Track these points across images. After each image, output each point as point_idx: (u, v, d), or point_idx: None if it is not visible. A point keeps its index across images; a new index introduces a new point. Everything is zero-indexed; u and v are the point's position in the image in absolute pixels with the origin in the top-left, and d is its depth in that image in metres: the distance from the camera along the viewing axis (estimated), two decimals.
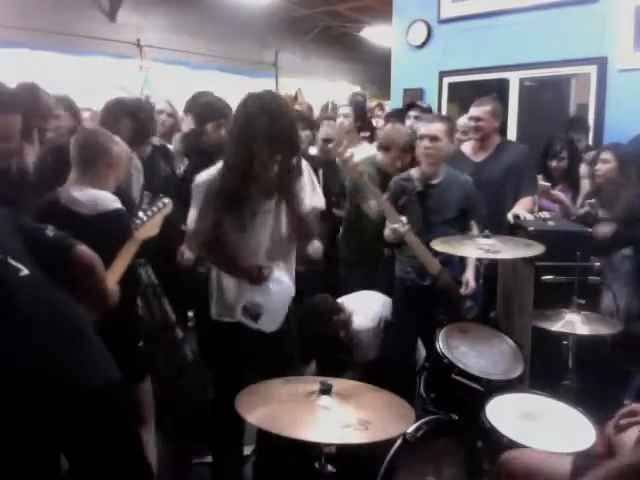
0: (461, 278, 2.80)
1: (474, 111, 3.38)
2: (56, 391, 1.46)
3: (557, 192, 3.45)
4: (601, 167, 3.26)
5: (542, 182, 3.43)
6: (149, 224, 2.21)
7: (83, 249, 1.77)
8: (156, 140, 3.32)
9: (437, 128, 2.82)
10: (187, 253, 3.13)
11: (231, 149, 2.16)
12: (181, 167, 3.31)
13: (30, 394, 1.42)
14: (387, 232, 2.76)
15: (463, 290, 2.77)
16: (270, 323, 2.22)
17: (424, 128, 2.86)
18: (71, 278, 1.74)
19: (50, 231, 1.77)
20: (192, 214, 2.24)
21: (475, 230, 2.92)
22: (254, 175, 2.10)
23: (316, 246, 3.14)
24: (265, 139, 2.06)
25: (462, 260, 2.83)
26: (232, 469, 2.45)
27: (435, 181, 2.88)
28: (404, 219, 2.69)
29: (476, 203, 2.95)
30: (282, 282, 2.24)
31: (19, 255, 1.60)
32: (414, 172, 2.95)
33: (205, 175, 2.25)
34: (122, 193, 2.32)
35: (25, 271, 1.57)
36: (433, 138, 2.80)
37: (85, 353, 1.58)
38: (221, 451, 2.45)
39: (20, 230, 1.69)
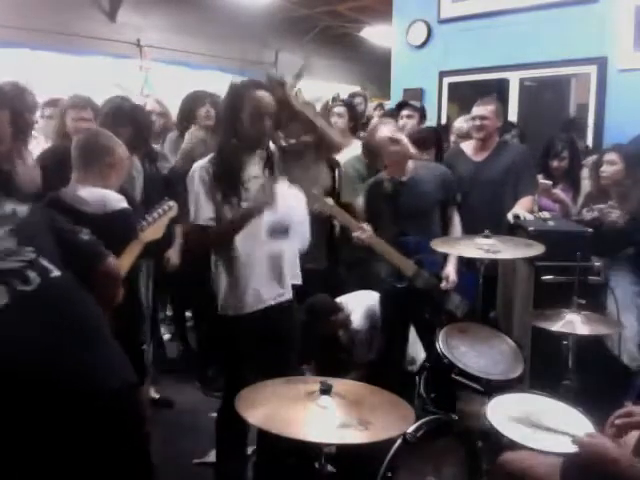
0: (443, 277, 2.82)
1: (479, 110, 3.37)
2: (71, 392, 1.44)
3: (558, 191, 3.44)
4: (607, 169, 3.22)
5: (543, 180, 3.43)
6: (154, 227, 2.22)
7: (113, 260, 1.77)
8: None
9: (391, 129, 2.85)
10: (173, 259, 3.15)
11: (221, 132, 2.23)
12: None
13: (44, 395, 1.41)
14: (354, 239, 2.75)
15: (444, 285, 2.79)
16: (300, 237, 2.14)
17: (382, 131, 2.85)
18: (93, 283, 1.72)
19: (85, 235, 1.75)
20: (192, 208, 2.21)
21: (456, 218, 2.93)
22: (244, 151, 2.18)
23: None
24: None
25: (445, 258, 2.84)
26: (235, 469, 2.44)
27: (404, 178, 2.88)
28: (365, 226, 2.71)
29: (451, 190, 2.96)
30: (289, 195, 2.16)
31: (51, 255, 1.57)
32: (383, 174, 2.94)
33: (198, 164, 2.24)
34: (125, 194, 2.32)
35: (56, 272, 1.54)
36: (394, 140, 2.82)
37: (103, 355, 1.56)
38: (225, 451, 2.44)
39: (54, 230, 1.66)
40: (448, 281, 2.80)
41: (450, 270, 2.82)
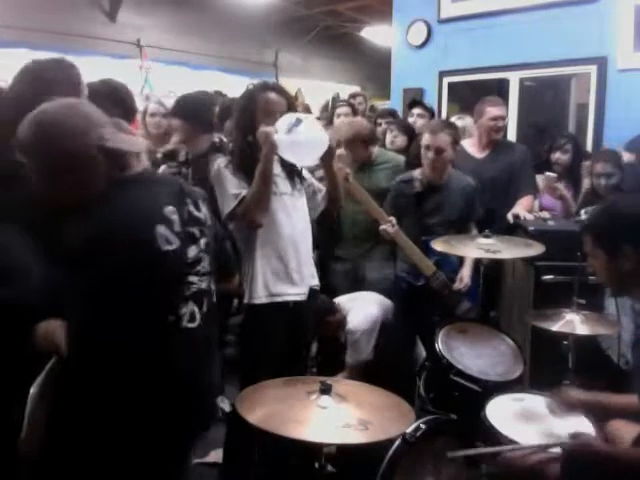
0: (457, 277, 2.82)
1: (500, 111, 3.36)
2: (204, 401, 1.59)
3: (561, 187, 3.42)
4: (604, 182, 3.14)
5: (548, 173, 3.41)
6: None
7: (237, 279, 1.89)
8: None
9: (443, 140, 2.79)
10: None
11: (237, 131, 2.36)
12: None
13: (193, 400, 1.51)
14: (380, 232, 2.80)
15: (457, 285, 2.79)
16: (315, 133, 2.20)
17: (430, 139, 2.81)
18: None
19: (227, 244, 1.81)
20: (229, 192, 2.25)
21: (474, 232, 2.93)
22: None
23: None
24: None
25: (461, 260, 2.84)
26: (241, 469, 2.44)
27: (435, 182, 2.89)
28: (393, 220, 2.72)
29: (475, 205, 2.96)
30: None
31: (214, 276, 1.59)
32: (416, 173, 2.94)
33: (219, 160, 2.36)
34: None
35: (215, 297, 1.58)
36: (439, 150, 2.79)
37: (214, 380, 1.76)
38: (234, 450, 2.44)
39: (215, 239, 1.66)
40: (462, 282, 2.80)
41: (465, 273, 2.82)
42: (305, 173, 2.53)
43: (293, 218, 2.36)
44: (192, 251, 1.48)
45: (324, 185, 2.52)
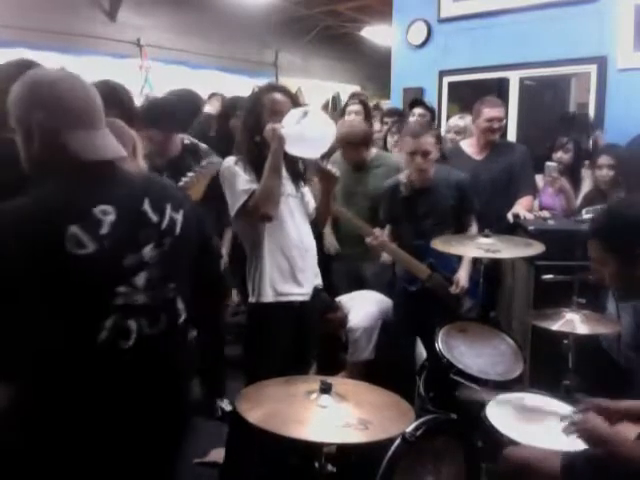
0: (454, 281, 2.81)
1: (498, 112, 3.35)
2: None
3: (563, 179, 3.42)
4: (604, 173, 3.20)
5: (549, 162, 3.39)
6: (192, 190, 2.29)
7: (232, 297, 1.81)
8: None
9: (428, 142, 2.76)
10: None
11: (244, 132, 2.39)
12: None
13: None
14: (367, 244, 2.82)
15: (453, 289, 2.78)
16: (321, 123, 2.22)
17: (414, 144, 2.76)
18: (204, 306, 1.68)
19: (223, 263, 1.70)
20: (239, 188, 2.27)
21: (474, 227, 2.92)
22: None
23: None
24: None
25: (460, 259, 2.84)
26: (241, 470, 2.44)
27: (424, 186, 2.87)
28: (377, 232, 2.76)
29: (467, 197, 2.91)
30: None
31: (185, 293, 1.46)
32: (402, 177, 2.92)
33: (228, 159, 2.38)
34: None
35: (182, 317, 1.46)
36: (425, 154, 2.76)
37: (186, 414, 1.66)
38: (234, 449, 2.43)
39: (200, 249, 1.53)
40: (458, 286, 2.78)
41: (462, 275, 2.79)
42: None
43: (298, 219, 2.39)
44: (129, 259, 1.31)
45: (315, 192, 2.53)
